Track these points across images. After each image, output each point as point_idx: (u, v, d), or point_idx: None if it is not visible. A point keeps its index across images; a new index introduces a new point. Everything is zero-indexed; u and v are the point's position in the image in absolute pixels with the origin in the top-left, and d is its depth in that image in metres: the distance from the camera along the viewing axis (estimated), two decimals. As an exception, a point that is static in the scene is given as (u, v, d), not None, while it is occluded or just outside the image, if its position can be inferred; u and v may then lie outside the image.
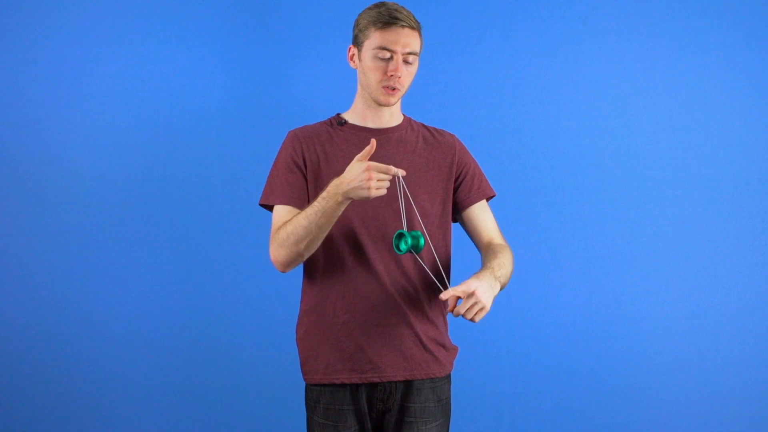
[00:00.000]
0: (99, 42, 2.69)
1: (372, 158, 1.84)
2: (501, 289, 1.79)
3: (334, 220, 1.75)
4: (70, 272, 2.66)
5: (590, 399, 2.70)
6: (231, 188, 2.69)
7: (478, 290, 1.68)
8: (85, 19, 2.69)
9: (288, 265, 1.81)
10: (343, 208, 1.73)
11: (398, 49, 1.81)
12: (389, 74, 1.82)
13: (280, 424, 2.60)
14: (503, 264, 1.82)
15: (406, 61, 1.83)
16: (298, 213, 1.79)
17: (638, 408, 2.71)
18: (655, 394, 2.71)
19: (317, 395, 1.85)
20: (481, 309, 1.69)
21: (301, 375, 1.89)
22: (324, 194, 1.72)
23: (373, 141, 1.70)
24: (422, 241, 1.75)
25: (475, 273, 1.76)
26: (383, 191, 1.67)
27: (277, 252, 1.80)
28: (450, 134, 1.99)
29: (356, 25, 1.88)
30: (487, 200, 1.98)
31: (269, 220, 1.90)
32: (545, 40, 2.76)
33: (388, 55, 1.81)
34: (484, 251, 1.90)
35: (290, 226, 1.77)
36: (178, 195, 2.68)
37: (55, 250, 2.66)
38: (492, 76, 2.76)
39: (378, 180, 1.66)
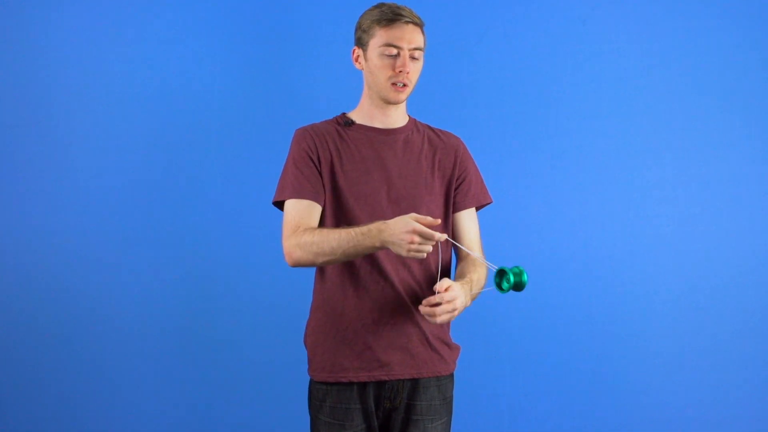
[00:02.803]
0: (99, 42, 2.68)
1: (378, 160, 1.85)
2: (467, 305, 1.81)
3: (363, 255, 1.77)
4: (70, 272, 2.65)
5: (590, 399, 2.70)
6: (232, 187, 2.68)
7: (458, 299, 1.72)
8: (85, 19, 2.68)
9: (299, 265, 1.82)
10: (375, 251, 1.74)
11: (404, 45, 1.82)
12: (398, 70, 1.82)
13: (284, 423, 2.59)
14: (480, 281, 1.85)
15: (412, 57, 1.84)
16: (326, 228, 1.79)
17: (638, 408, 2.71)
18: (655, 394, 2.71)
19: (323, 394, 1.85)
20: (450, 311, 1.71)
21: (307, 373, 1.90)
22: (365, 230, 1.71)
23: (439, 222, 1.68)
24: (525, 278, 1.71)
25: (459, 281, 1.79)
26: (422, 255, 1.66)
27: (294, 251, 1.79)
28: (455, 136, 1.99)
29: (358, 27, 1.89)
30: (480, 208, 1.99)
31: (276, 218, 1.90)
32: (545, 40, 2.76)
33: (394, 51, 1.82)
34: (463, 261, 1.91)
35: (317, 237, 1.76)
36: (180, 194, 2.68)
37: (55, 250, 2.65)
38: (492, 76, 2.76)
39: (419, 244, 1.64)
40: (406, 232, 1.63)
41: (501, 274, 1.71)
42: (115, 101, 2.68)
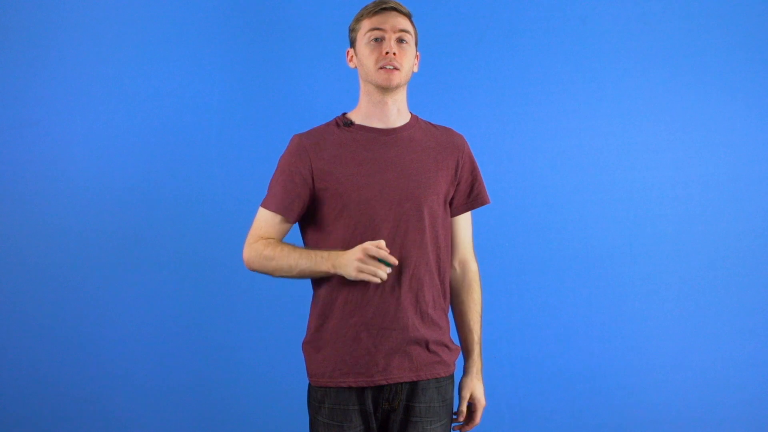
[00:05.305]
0: (99, 42, 2.68)
1: (380, 162, 1.84)
2: None
3: (316, 277, 1.84)
4: (70, 272, 2.65)
5: (590, 399, 2.70)
6: (232, 189, 2.68)
7: (481, 401, 1.95)
8: (85, 19, 2.68)
9: (255, 271, 1.89)
10: (327, 275, 1.81)
11: (388, 27, 1.84)
12: (384, 52, 1.83)
13: (284, 424, 2.59)
14: (478, 320, 1.97)
15: (400, 40, 1.85)
16: (288, 245, 1.85)
17: (638, 408, 2.71)
18: (655, 395, 2.71)
19: (322, 396, 1.84)
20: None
21: (306, 377, 1.89)
22: (325, 254, 1.79)
23: (382, 242, 1.74)
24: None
25: (470, 366, 1.94)
26: (375, 279, 1.73)
27: (251, 259, 1.87)
28: (459, 135, 1.97)
29: (349, 29, 1.93)
30: (476, 207, 1.98)
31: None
32: (545, 40, 2.76)
33: (379, 35, 1.84)
34: (456, 258, 1.95)
35: (277, 252, 1.83)
36: (179, 195, 2.68)
37: (54, 251, 2.65)
38: (492, 76, 2.76)
39: (369, 266, 1.72)
40: (354, 252, 1.73)
41: None
42: (115, 101, 2.68)
